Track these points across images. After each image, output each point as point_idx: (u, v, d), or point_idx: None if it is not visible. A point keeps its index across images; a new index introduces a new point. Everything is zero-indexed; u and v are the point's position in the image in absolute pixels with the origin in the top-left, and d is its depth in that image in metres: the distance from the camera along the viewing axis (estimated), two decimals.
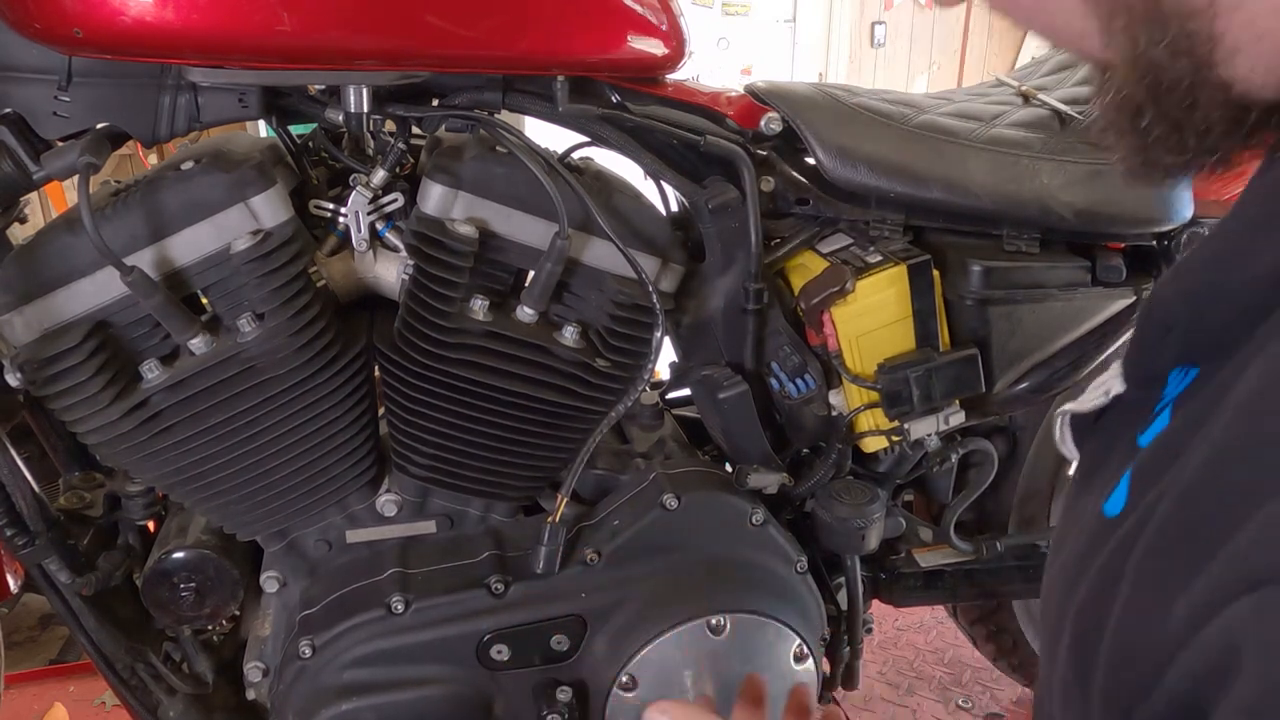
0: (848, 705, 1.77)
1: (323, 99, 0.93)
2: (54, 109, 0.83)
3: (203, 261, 0.86)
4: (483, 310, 0.92)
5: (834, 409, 1.04)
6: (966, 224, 1.05)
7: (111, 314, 0.85)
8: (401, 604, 0.95)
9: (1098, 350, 1.09)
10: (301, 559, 1.02)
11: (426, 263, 0.88)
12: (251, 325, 0.87)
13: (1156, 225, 1.06)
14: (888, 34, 4.65)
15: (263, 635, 1.02)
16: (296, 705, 0.96)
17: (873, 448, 1.06)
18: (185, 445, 0.90)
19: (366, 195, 0.92)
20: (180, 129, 0.87)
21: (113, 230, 0.82)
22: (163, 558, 0.97)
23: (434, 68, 0.90)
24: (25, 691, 1.82)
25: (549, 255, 0.90)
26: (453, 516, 1.04)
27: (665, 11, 0.94)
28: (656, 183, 1.03)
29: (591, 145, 0.99)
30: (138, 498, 0.99)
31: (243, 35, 0.80)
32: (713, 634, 0.99)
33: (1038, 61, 1.31)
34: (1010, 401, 1.09)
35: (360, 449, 0.98)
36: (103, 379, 0.84)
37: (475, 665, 0.98)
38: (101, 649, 1.00)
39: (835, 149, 1.00)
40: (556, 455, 1.01)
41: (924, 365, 0.99)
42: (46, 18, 0.77)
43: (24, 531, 0.91)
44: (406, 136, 0.94)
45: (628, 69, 0.96)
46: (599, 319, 0.95)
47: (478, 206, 0.90)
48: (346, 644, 0.96)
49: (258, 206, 0.85)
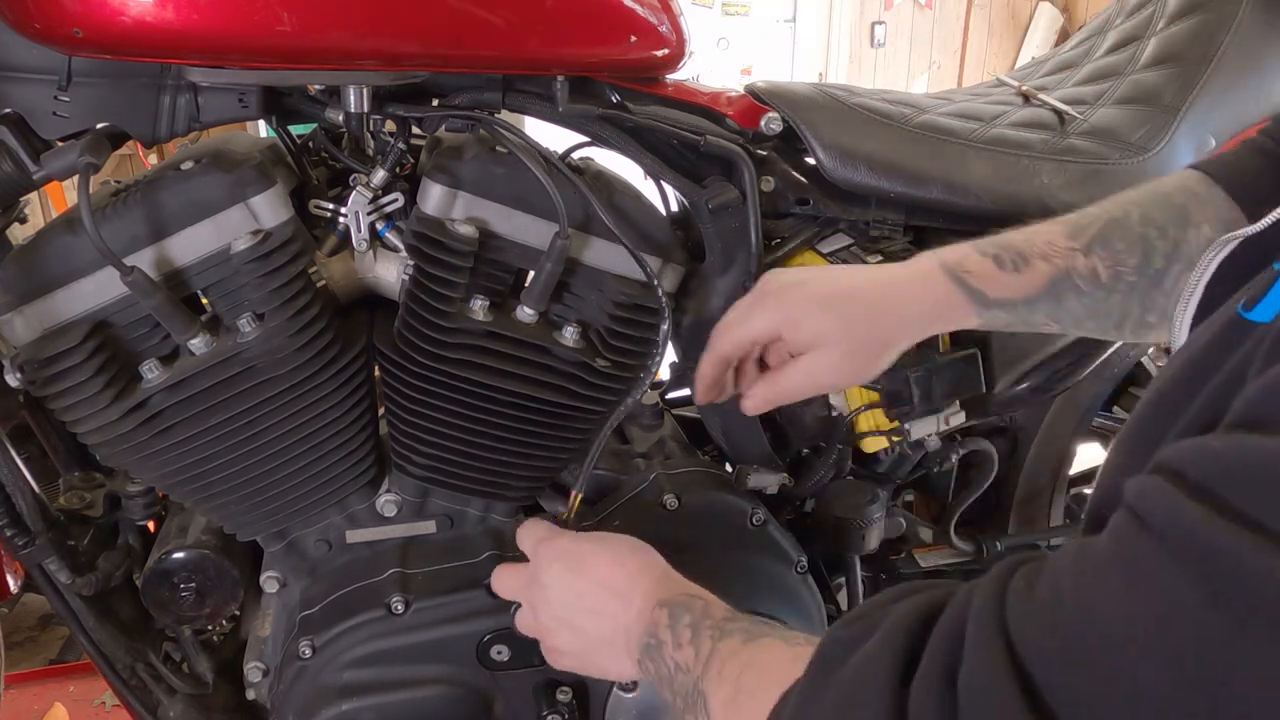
0: None
1: (323, 99, 0.93)
2: (54, 109, 0.83)
3: (203, 261, 0.86)
4: (483, 310, 0.92)
5: (834, 409, 1.04)
6: (966, 224, 1.04)
7: (111, 314, 0.85)
8: (401, 604, 0.95)
9: (1098, 350, 1.09)
10: (301, 559, 1.02)
11: (426, 263, 0.88)
12: (251, 325, 0.87)
13: None
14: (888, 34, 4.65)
15: (263, 635, 1.02)
16: (296, 705, 0.96)
17: (873, 448, 1.06)
18: (185, 445, 0.90)
19: (366, 195, 0.92)
20: (180, 129, 0.87)
21: (113, 230, 0.82)
22: (163, 558, 0.97)
23: (434, 68, 0.90)
24: (25, 691, 1.82)
25: (549, 255, 0.90)
26: (453, 516, 1.04)
27: (665, 11, 0.94)
28: (656, 183, 1.03)
29: (591, 145, 0.99)
30: (138, 498, 0.99)
31: (243, 35, 0.80)
32: None
33: (1038, 61, 1.32)
34: (1010, 401, 1.09)
35: (360, 449, 0.98)
36: (103, 379, 0.84)
37: (475, 665, 0.98)
38: (101, 649, 1.00)
39: (835, 149, 1.00)
40: (556, 455, 1.01)
41: (924, 365, 0.99)
42: (46, 18, 0.77)
43: (24, 531, 0.91)
44: (406, 136, 0.94)
45: (628, 69, 0.97)
46: (599, 319, 0.95)
47: (478, 206, 0.90)
48: (347, 644, 0.96)
49: (258, 206, 0.85)
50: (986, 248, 0.79)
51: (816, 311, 0.79)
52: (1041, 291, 0.78)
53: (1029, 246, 0.78)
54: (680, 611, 0.70)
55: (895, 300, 0.79)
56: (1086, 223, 0.78)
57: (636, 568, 0.77)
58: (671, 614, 0.70)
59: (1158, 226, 0.76)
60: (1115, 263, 0.77)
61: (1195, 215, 0.76)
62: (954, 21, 4.77)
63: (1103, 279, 0.77)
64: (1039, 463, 1.30)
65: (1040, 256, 0.77)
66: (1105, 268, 0.77)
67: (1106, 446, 1.53)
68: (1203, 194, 0.77)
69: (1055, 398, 1.17)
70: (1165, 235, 0.76)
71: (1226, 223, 0.75)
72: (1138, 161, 1.04)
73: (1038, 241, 0.78)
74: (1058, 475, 1.33)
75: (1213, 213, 0.76)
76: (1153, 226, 0.77)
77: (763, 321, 0.81)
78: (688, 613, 0.69)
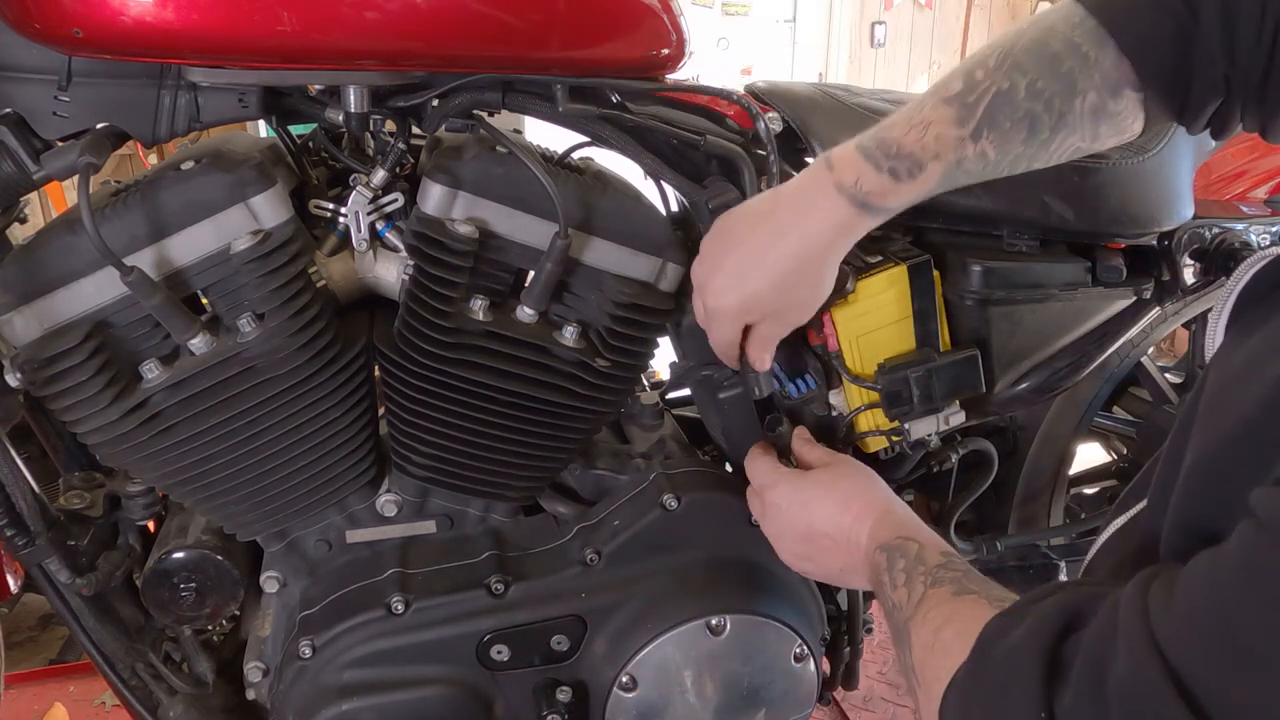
0: (848, 705, 1.77)
1: (323, 99, 0.93)
2: (54, 109, 0.83)
3: (203, 261, 0.86)
4: (482, 310, 0.92)
5: (834, 409, 1.04)
6: (966, 224, 1.05)
7: (111, 314, 0.85)
8: (401, 604, 0.95)
9: (1098, 350, 1.09)
10: (301, 559, 1.02)
11: (426, 263, 0.88)
12: (251, 325, 0.87)
13: (1156, 225, 1.06)
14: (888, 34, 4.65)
15: (263, 635, 1.02)
16: (296, 705, 0.96)
17: (873, 448, 1.06)
18: (185, 445, 0.90)
19: (366, 195, 0.92)
20: (180, 129, 0.87)
21: (113, 230, 0.82)
22: (163, 558, 0.97)
23: (434, 68, 0.90)
24: (25, 691, 1.82)
25: (549, 255, 0.90)
26: (453, 516, 1.04)
27: (665, 11, 0.94)
28: (656, 183, 1.03)
29: (591, 145, 0.99)
30: (138, 498, 0.99)
31: (243, 35, 0.80)
32: (713, 634, 0.99)
33: None
34: (1010, 401, 1.09)
35: (360, 449, 0.98)
36: (103, 379, 0.84)
37: (475, 665, 0.98)
38: (101, 649, 1.00)
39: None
40: (556, 455, 1.02)
41: (924, 365, 0.99)
42: (46, 18, 0.77)
43: (24, 531, 0.91)
44: (406, 136, 0.94)
45: (628, 69, 0.97)
46: (599, 319, 0.95)
47: (478, 206, 0.90)
48: (346, 644, 0.96)
49: (258, 206, 0.85)
50: (880, 159, 0.82)
51: (752, 293, 0.87)
52: (935, 185, 0.82)
53: (920, 148, 0.81)
54: (895, 557, 0.78)
55: (812, 241, 0.85)
56: (974, 99, 0.80)
57: (860, 511, 0.86)
58: (889, 559, 0.78)
59: (1044, 100, 0.79)
60: (1002, 141, 0.80)
61: (1081, 83, 0.78)
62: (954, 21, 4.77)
63: (991, 157, 0.81)
64: (1039, 463, 1.30)
65: (933, 156, 0.81)
66: (994, 148, 0.80)
67: (1106, 446, 1.53)
68: (1092, 55, 0.78)
69: (1055, 398, 1.17)
70: (1051, 108, 0.79)
71: (1113, 87, 0.78)
72: (1137, 162, 1.04)
73: (929, 139, 0.80)
74: (1058, 475, 1.33)
75: (1099, 78, 0.78)
76: (1039, 100, 0.79)
77: (725, 331, 0.91)
78: (902, 558, 0.77)
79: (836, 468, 0.93)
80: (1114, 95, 0.78)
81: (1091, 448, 1.43)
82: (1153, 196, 1.04)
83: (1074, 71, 0.78)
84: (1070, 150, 0.82)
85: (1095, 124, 0.80)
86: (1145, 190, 1.04)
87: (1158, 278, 1.10)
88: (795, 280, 0.87)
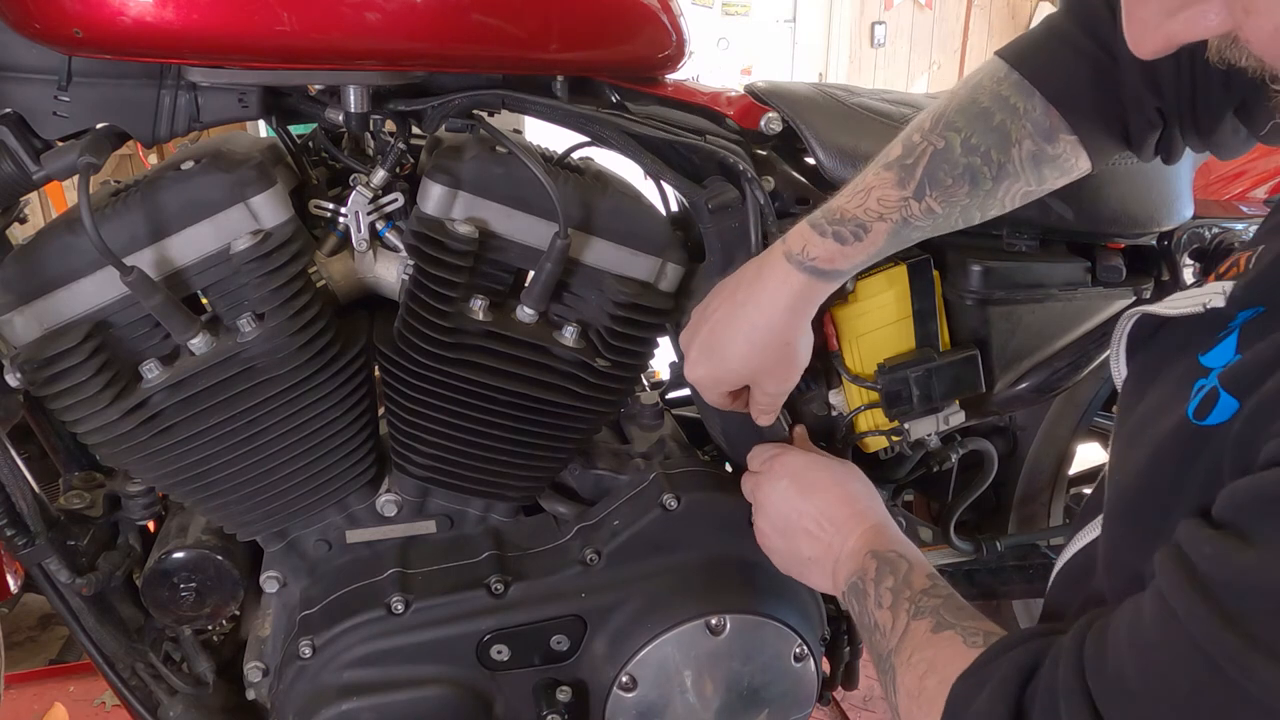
0: (848, 705, 1.77)
1: (323, 99, 0.93)
2: (54, 109, 0.83)
3: (203, 261, 0.86)
4: (482, 310, 0.92)
5: (834, 409, 1.04)
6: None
7: (111, 314, 0.85)
8: (401, 604, 0.95)
9: (1098, 350, 1.09)
10: (301, 559, 1.02)
11: (426, 263, 0.88)
12: (251, 325, 0.87)
13: (1156, 225, 1.06)
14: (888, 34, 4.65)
15: (263, 635, 1.02)
16: (296, 705, 0.96)
17: (873, 448, 1.06)
18: (185, 445, 0.90)
19: (366, 195, 0.92)
20: (180, 129, 0.87)
21: (113, 230, 0.82)
22: (163, 558, 0.97)
23: (434, 68, 0.90)
24: (25, 691, 1.82)
25: (549, 255, 0.90)
26: (453, 516, 1.04)
27: (665, 11, 0.94)
28: (656, 183, 1.03)
29: (591, 145, 0.99)
30: (138, 498, 0.99)
31: (243, 35, 0.80)
32: (712, 634, 0.99)
33: None
34: (1010, 401, 1.09)
35: (360, 449, 0.98)
36: (103, 379, 0.84)
37: (475, 665, 0.98)
38: (101, 649, 1.00)
39: (835, 149, 1.00)
40: (556, 455, 1.02)
41: (924, 365, 0.99)
42: (46, 18, 0.77)
43: (24, 531, 0.91)
44: (406, 136, 0.94)
45: (628, 69, 0.97)
46: (599, 319, 0.95)
47: (478, 206, 0.90)
48: (346, 644, 0.96)
49: (258, 206, 0.85)
50: (824, 226, 0.85)
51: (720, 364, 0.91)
52: (884, 244, 0.85)
53: (864, 212, 0.83)
54: (885, 570, 0.79)
55: (768, 312, 0.87)
56: (911, 161, 0.83)
57: (861, 508, 0.87)
58: (879, 569, 0.79)
59: (980, 154, 0.81)
60: (946, 197, 0.83)
61: (1015, 133, 0.81)
62: (954, 21, 4.78)
63: (939, 212, 0.83)
64: (1039, 463, 1.30)
65: (877, 218, 0.83)
66: (938, 203, 0.83)
67: (1106, 446, 1.53)
68: (1021, 106, 0.81)
69: (1055, 398, 1.17)
70: (989, 160, 0.82)
71: (1046, 134, 0.81)
72: (1137, 162, 1.04)
73: (871, 203, 0.83)
74: (1057, 475, 1.33)
75: (1030, 127, 0.81)
76: (976, 155, 0.81)
77: (711, 398, 0.95)
78: (892, 574, 0.78)
79: (849, 467, 0.94)
80: (1049, 141, 0.81)
81: (1091, 448, 1.43)
82: (1152, 196, 1.04)
83: (1006, 124, 0.81)
84: (1020, 195, 0.84)
85: (1037, 169, 0.83)
86: (1145, 190, 1.04)
87: (1157, 278, 1.10)
88: (762, 350, 0.89)
